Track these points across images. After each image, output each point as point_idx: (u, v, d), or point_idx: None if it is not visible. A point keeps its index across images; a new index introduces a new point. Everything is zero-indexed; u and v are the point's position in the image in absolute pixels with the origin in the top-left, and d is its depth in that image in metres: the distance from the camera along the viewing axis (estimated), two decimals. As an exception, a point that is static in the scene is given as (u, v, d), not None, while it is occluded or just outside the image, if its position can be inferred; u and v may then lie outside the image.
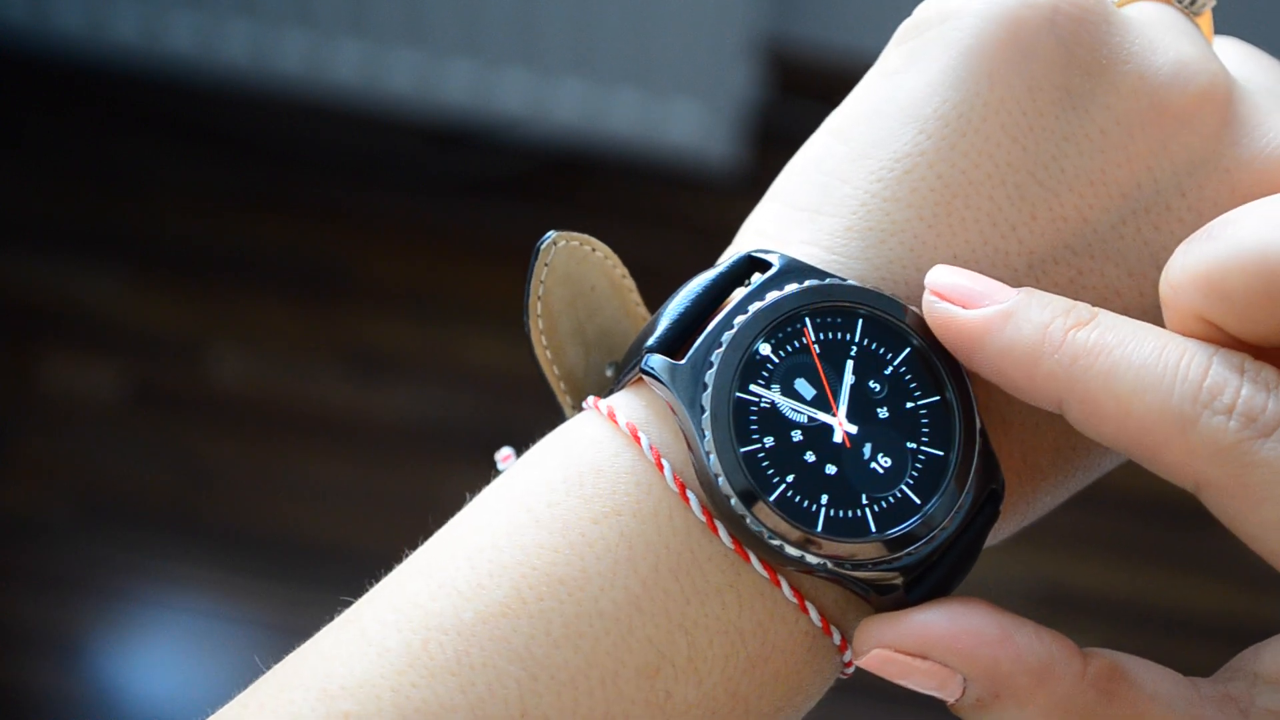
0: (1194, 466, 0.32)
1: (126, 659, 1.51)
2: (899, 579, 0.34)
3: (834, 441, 0.35)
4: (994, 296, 0.34)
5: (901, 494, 0.35)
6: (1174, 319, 0.34)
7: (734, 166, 1.69)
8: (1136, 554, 1.59)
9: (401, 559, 0.36)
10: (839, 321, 0.36)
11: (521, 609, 0.33)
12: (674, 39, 1.57)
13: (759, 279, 0.36)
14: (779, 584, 0.34)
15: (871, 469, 0.35)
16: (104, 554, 1.53)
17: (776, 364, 0.35)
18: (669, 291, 0.37)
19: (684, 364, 0.35)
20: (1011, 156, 0.36)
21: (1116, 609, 1.57)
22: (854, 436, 0.35)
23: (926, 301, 0.35)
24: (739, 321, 0.35)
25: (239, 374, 1.64)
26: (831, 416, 0.35)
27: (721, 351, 0.35)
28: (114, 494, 1.57)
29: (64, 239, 1.70)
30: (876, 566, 0.34)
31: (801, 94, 1.72)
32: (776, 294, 0.35)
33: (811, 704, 0.36)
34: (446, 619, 0.34)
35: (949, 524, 0.35)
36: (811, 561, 0.34)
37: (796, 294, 0.35)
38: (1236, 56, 0.41)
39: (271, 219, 1.72)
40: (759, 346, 0.35)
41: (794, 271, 0.36)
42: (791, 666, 0.35)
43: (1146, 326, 0.34)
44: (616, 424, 0.36)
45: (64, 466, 1.59)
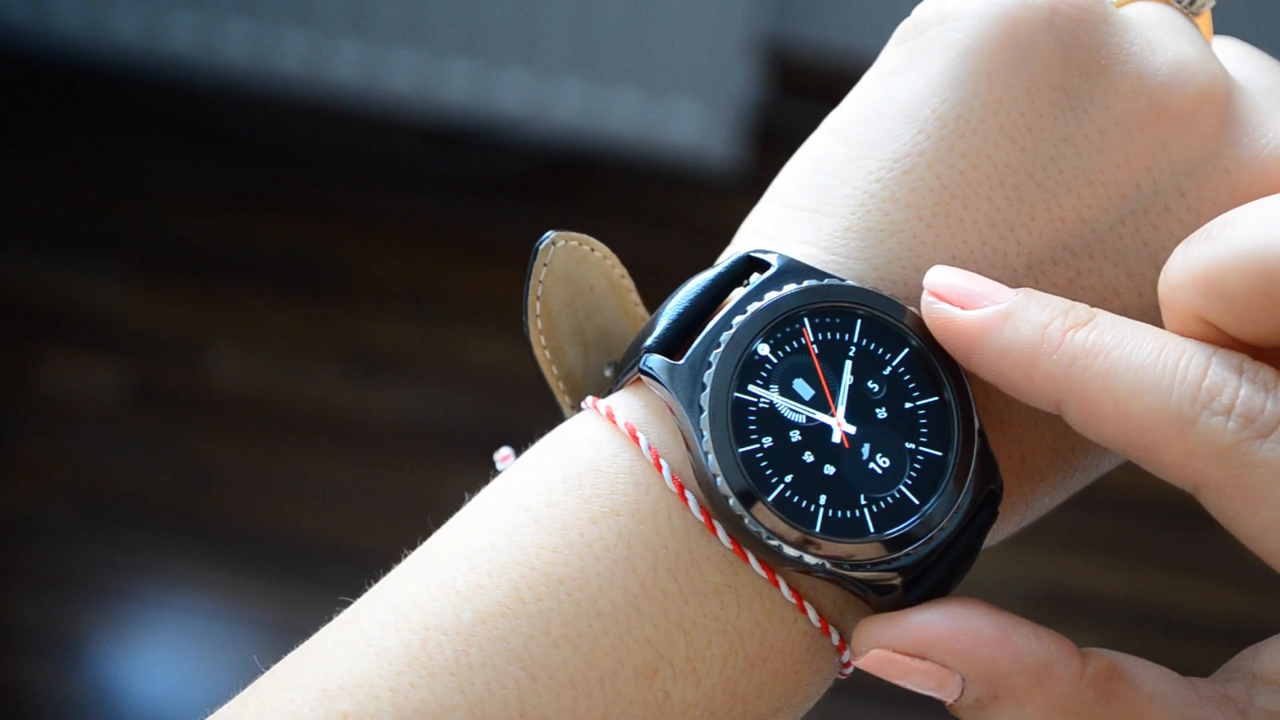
0: (1192, 467, 0.32)
1: (126, 659, 1.51)
2: (897, 579, 0.34)
3: (832, 442, 0.35)
4: (992, 297, 0.34)
5: (900, 494, 0.35)
6: (1173, 319, 0.34)
7: (734, 166, 1.69)
8: (1135, 554, 1.59)
9: (401, 559, 0.36)
10: (838, 322, 0.36)
11: (520, 609, 0.33)
12: (674, 39, 1.57)
13: (757, 279, 0.36)
14: (777, 584, 0.34)
15: (870, 469, 0.35)
16: (104, 554, 1.53)
17: (775, 364, 0.35)
18: (669, 291, 0.37)
19: (682, 364, 0.35)
20: (1010, 157, 0.36)
21: (1115, 609, 1.57)
22: (852, 437, 0.35)
23: (925, 302, 0.35)
24: (737, 322, 0.35)
25: (239, 374, 1.64)
26: (830, 417, 0.35)
27: (720, 352, 0.35)
28: (114, 494, 1.57)
29: (64, 239, 1.70)
30: (875, 567, 0.34)
31: (801, 94, 1.72)
32: (775, 294, 0.35)
33: (810, 704, 0.36)
34: (445, 619, 0.34)
35: (947, 524, 0.35)
36: (810, 562, 0.34)
37: (795, 294, 0.35)
38: (1236, 57, 0.41)
39: (271, 219, 1.72)
40: (757, 347, 0.35)
41: (792, 272, 0.36)
42: (790, 667, 0.35)
43: (1145, 327, 0.34)
44: (615, 424, 0.36)
45: (64, 466, 1.59)
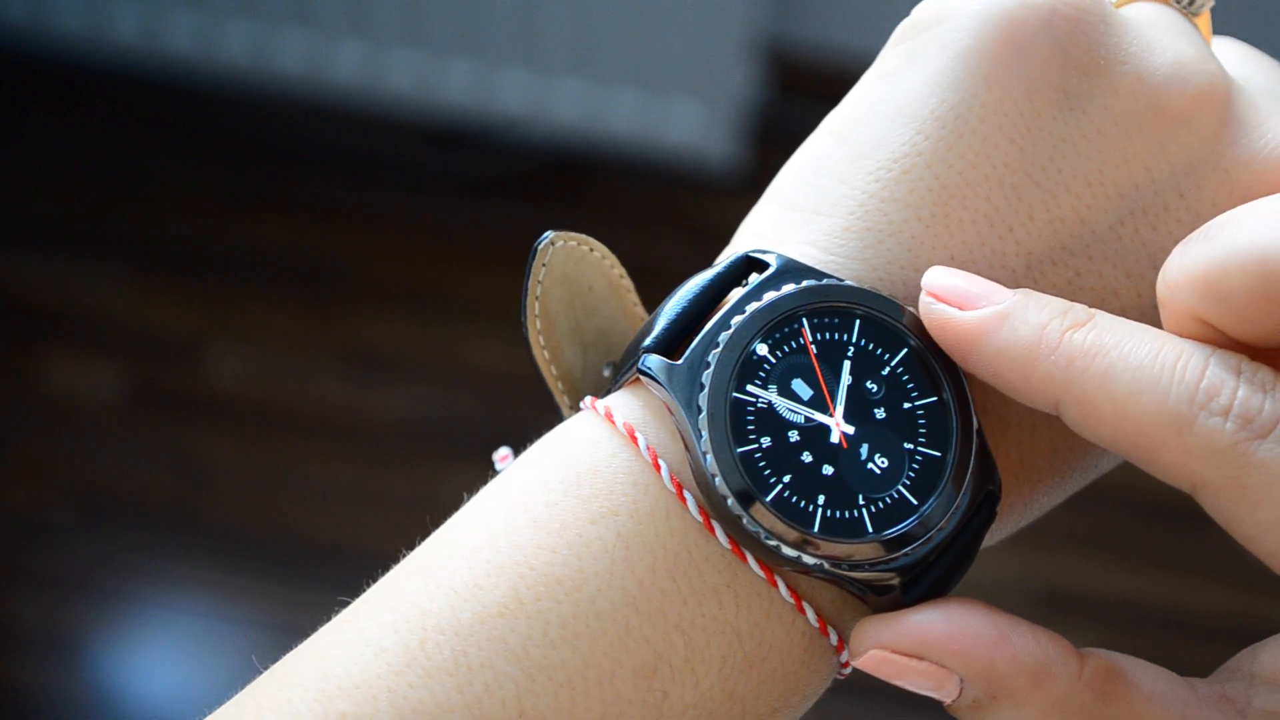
0: (1190, 468, 0.32)
1: (126, 659, 1.51)
2: (896, 579, 0.34)
3: (831, 442, 0.35)
4: (991, 298, 0.34)
5: (898, 494, 0.35)
6: (1171, 320, 0.34)
7: (734, 166, 1.69)
8: (1135, 554, 1.59)
9: (399, 559, 0.36)
10: (836, 322, 0.36)
11: (519, 609, 0.33)
12: (674, 39, 1.57)
13: (756, 279, 0.36)
14: (776, 584, 0.34)
15: (868, 469, 0.35)
16: (104, 554, 1.53)
17: (774, 364, 0.35)
18: (668, 291, 0.37)
19: (681, 364, 0.35)
20: (1009, 157, 0.36)
21: (1115, 609, 1.57)
22: (851, 437, 0.35)
23: (923, 303, 0.35)
24: (736, 322, 0.35)
25: (239, 374, 1.64)
26: (829, 417, 0.35)
27: (719, 352, 0.35)
28: (114, 494, 1.57)
29: (64, 239, 1.70)
30: (873, 567, 0.34)
31: (801, 94, 1.72)
32: (774, 294, 0.35)
33: (809, 704, 0.36)
34: (444, 619, 0.34)
35: (946, 525, 0.35)
36: (808, 562, 0.34)
37: (794, 294, 0.35)
38: (1235, 57, 0.41)
39: (271, 219, 1.72)
40: (756, 347, 0.35)
41: (791, 272, 0.36)
42: (788, 667, 0.35)
43: (1143, 328, 0.33)
44: (614, 424, 0.35)
45: (64, 466, 1.59)
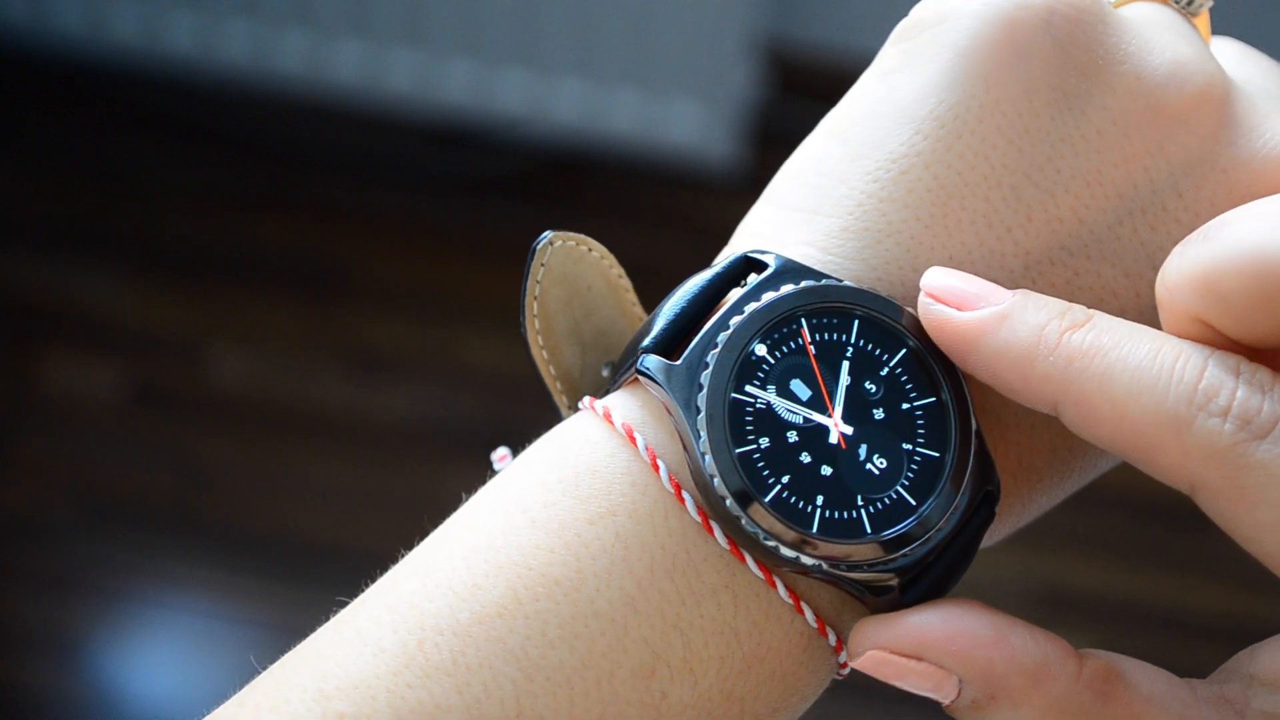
0: (1189, 469, 0.32)
1: (126, 659, 1.51)
2: (894, 580, 0.34)
3: (829, 442, 0.35)
4: (989, 298, 0.34)
5: (897, 495, 0.35)
6: (1170, 321, 0.34)
7: (734, 166, 1.69)
8: (1135, 554, 1.59)
9: (398, 559, 0.36)
10: (835, 322, 0.36)
11: (517, 609, 0.33)
12: (674, 39, 1.57)
13: (755, 280, 0.36)
14: (774, 585, 0.34)
15: (867, 470, 0.35)
16: (104, 554, 1.53)
17: (772, 365, 0.35)
18: (668, 291, 0.37)
19: (679, 364, 0.35)
20: (1007, 158, 0.36)
21: (1115, 609, 1.57)
22: (849, 437, 0.35)
23: (922, 304, 0.35)
24: (735, 322, 0.35)
25: (239, 374, 1.64)
26: (827, 417, 0.35)
27: (717, 352, 0.35)
28: (114, 494, 1.57)
29: (64, 239, 1.70)
30: (872, 568, 0.34)
31: (801, 94, 1.72)
32: (772, 295, 0.35)
33: (807, 705, 0.36)
34: (442, 619, 0.34)
35: (944, 525, 0.35)
36: (807, 562, 0.34)
37: (792, 295, 0.35)
38: (1234, 57, 0.41)
39: (271, 219, 1.72)
40: (755, 347, 0.35)
41: (790, 272, 0.36)
42: (787, 667, 0.35)
43: (1142, 329, 0.33)
44: (612, 424, 0.35)
45: (64, 466, 1.59)
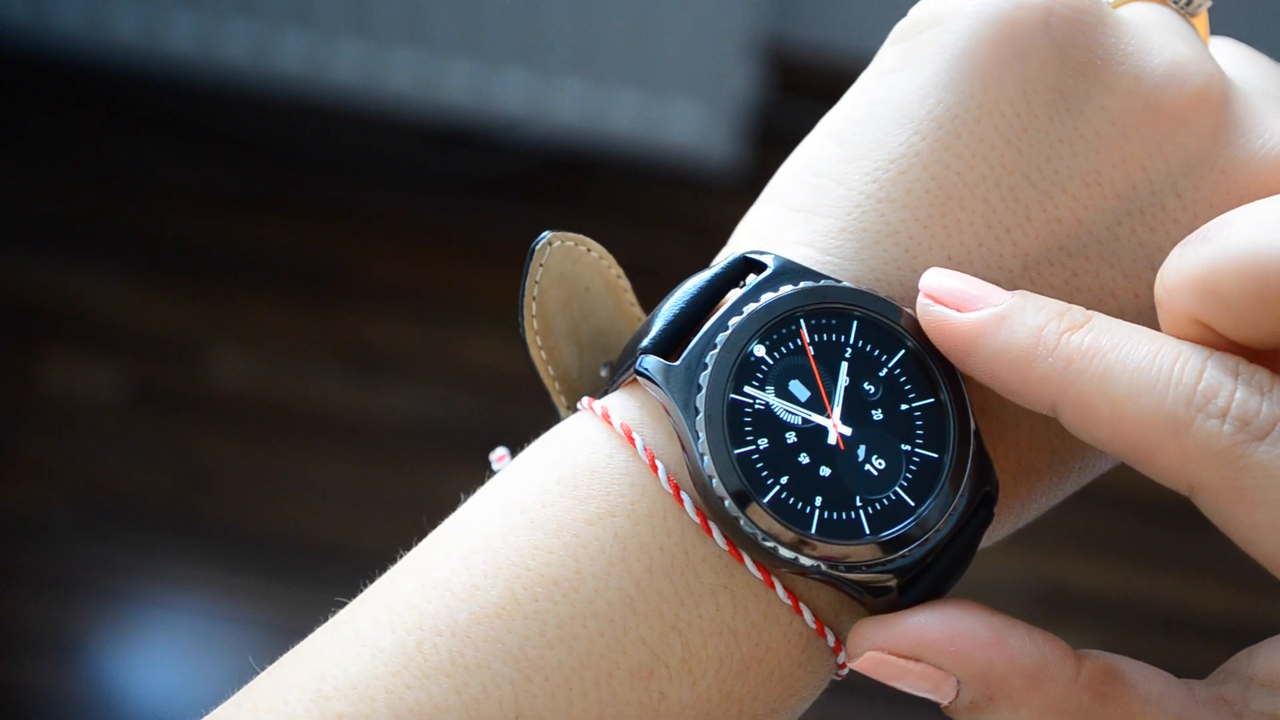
0: (1188, 470, 0.32)
1: (126, 659, 1.51)
2: (893, 581, 0.34)
3: (828, 443, 0.35)
4: (988, 300, 0.34)
5: (896, 496, 0.35)
6: (1169, 322, 0.34)
7: (734, 166, 1.69)
8: (1135, 554, 1.59)
9: (397, 560, 0.36)
10: (834, 323, 0.36)
11: (516, 610, 0.33)
12: (674, 39, 1.57)
13: (754, 280, 0.36)
14: (773, 585, 0.34)
15: (866, 471, 0.35)
16: (104, 554, 1.53)
17: (771, 366, 0.35)
18: (668, 291, 0.37)
19: (678, 365, 0.35)
20: (1005, 158, 0.36)
21: (1115, 609, 1.57)
22: (848, 438, 0.35)
23: (920, 305, 0.35)
24: (734, 323, 0.35)
25: (239, 374, 1.64)
26: (826, 418, 0.35)
27: (716, 353, 0.35)
28: (114, 494, 1.57)
29: (64, 239, 1.70)
30: (871, 568, 0.34)
31: (801, 94, 1.72)
32: (771, 295, 0.35)
33: (806, 705, 0.36)
34: (441, 620, 0.34)
35: (943, 526, 0.35)
36: (805, 563, 0.34)
37: (791, 295, 0.35)
38: (1233, 58, 0.41)
39: (271, 219, 1.72)
40: (753, 348, 0.35)
41: (789, 273, 0.36)
42: (786, 668, 0.35)
43: (1141, 330, 0.33)
44: (611, 425, 0.35)
45: (64, 466, 1.59)
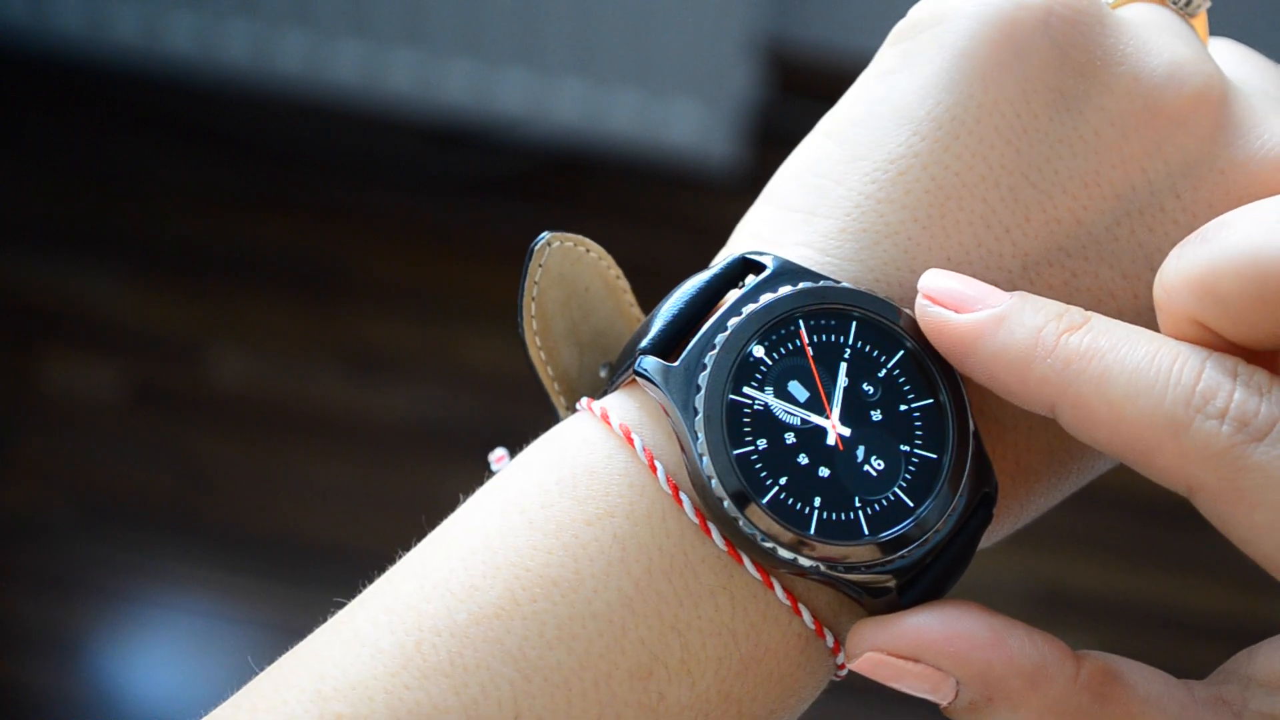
0: (1187, 471, 0.32)
1: (126, 659, 1.51)
2: (892, 582, 0.34)
3: (827, 444, 0.35)
4: (987, 301, 0.34)
5: (895, 496, 0.35)
6: (1168, 322, 0.34)
7: (734, 166, 1.69)
8: (1135, 554, 1.59)
9: (397, 560, 0.36)
10: (833, 324, 0.36)
11: (515, 610, 0.33)
12: (674, 39, 1.57)
13: (753, 281, 0.36)
14: (772, 586, 0.34)
15: (865, 471, 0.35)
16: (104, 554, 1.53)
17: (770, 366, 0.35)
18: (668, 291, 0.37)
19: (677, 366, 0.35)
20: (1005, 158, 0.36)
21: (1115, 609, 1.57)
22: (847, 439, 0.35)
23: (919, 306, 0.35)
24: (733, 324, 0.35)
25: (239, 374, 1.64)
26: (825, 419, 0.35)
27: (715, 353, 0.35)
28: (114, 494, 1.57)
29: (64, 239, 1.70)
30: (869, 569, 0.34)
31: (801, 94, 1.72)
32: (770, 296, 0.35)
33: (805, 706, 0.36)
34: (440, 620, 0.34)
35: (942, 527, 0.35)
36: (804, 564, 0.34)
37: (790, 296, 0.35)
38: (1232, 58, 0.41)
39: (271, 219, 1.72)
40: (753, 349, 0.35)
41: (788, 274, 0.36)
42: (785, 669, 0.35)
43: (1140, 331, 0.33)
44: (610, 426, 0.35)
45: (64, 466, 1.59)
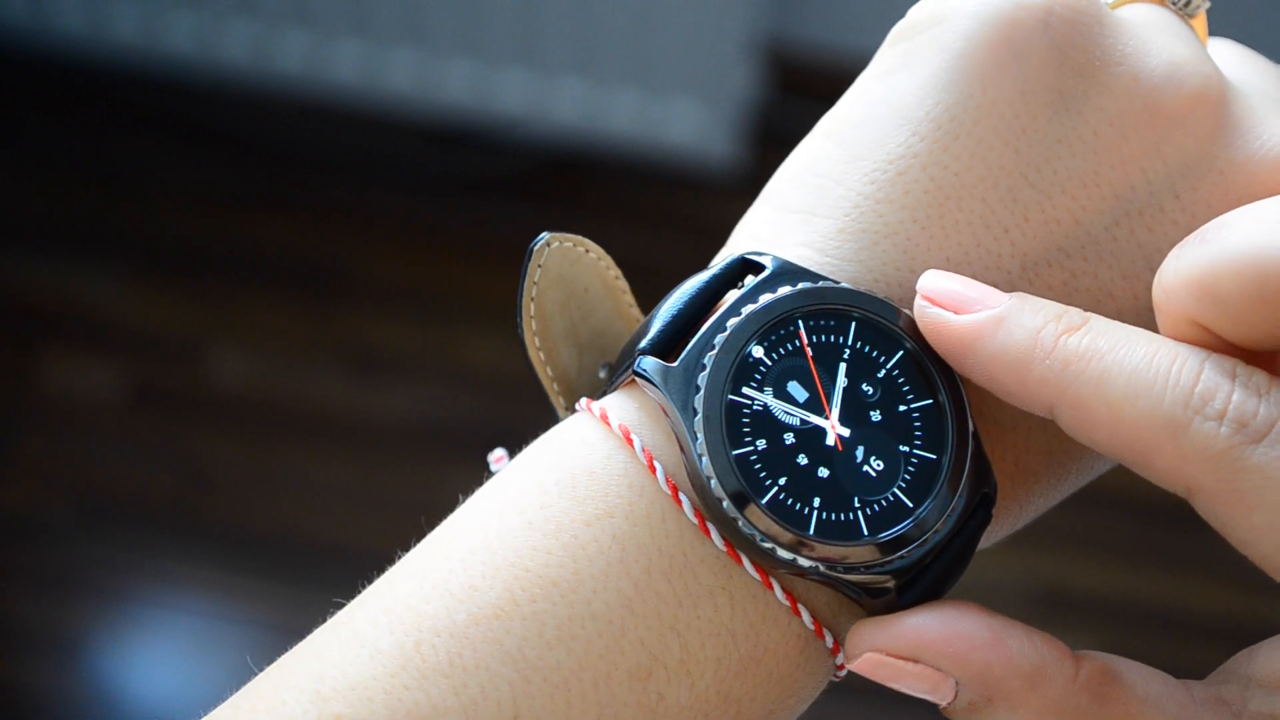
0: (1185, 472, 0.32)
1: (126, 659, 1.51)
2: (891, 582, 0.34)
3: (826, 444, 0.35)
4: (985, 302, 0.34)
5: (894, 497, 0.35)
6: (1166, 323, 0.34)
7: (734, 166, 1.69)
8: (1135, 554, 1.59)
9: (396, 560, 0.36)
10: (832, 324, 0.36)
11: (514, 611, 0.33)
12: (674, 39, 1.57)
13: (752, 281, 0.36)
14: (771, 587, 0.34)
15: (864, 472, 0.35)
16: (104, 554, 1.53)
17: (769, 366, 0.35)
18: (668, 291, 0.37)
19: (677, 366, 0.35)
20: (1004, 159, 0.36)
21: (1115, 609, 1.57)
22: (846, 439, 0.35)
23: (918, 307, 0.35)
24: (732, 324, 0.35)
25: (239, 374, 1.64)
26: (824, 419, 0.35)
27: (714, 354, 0.35)
28: (114, 494, 1.57)
29: (64, 239, 1.70)
30: (869, 570, 0.34)
31: (801, 94, 1.72)
32: (770, 296, 0.35)
33: (804, 706, 0.36)
34: (439, 621, 0.34)
35: (941, 527, 0.35)
36: (803, 564, 0.34)
37: (790, 296, 0.35)
38: (1231, 59, 0.41)
39: (271, 219, 1.72)
40: (752, 349, 0.35)
41: (787, 274, 0.36)
42: (784, 669, 0.35)
43: (1138, 332, 0.33)
44: (609, 426, 0.35)
45: (64, 466, 1.59)
